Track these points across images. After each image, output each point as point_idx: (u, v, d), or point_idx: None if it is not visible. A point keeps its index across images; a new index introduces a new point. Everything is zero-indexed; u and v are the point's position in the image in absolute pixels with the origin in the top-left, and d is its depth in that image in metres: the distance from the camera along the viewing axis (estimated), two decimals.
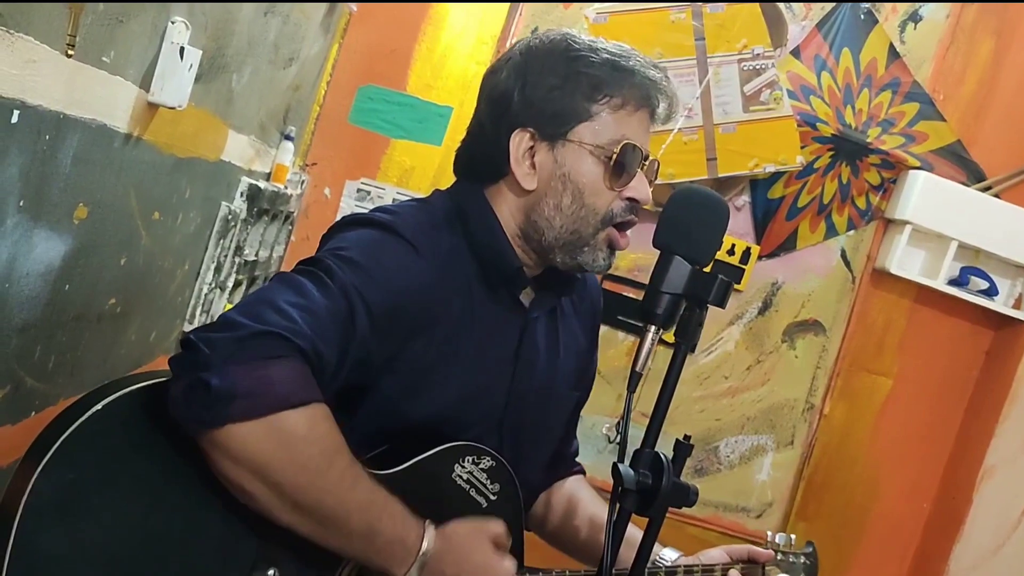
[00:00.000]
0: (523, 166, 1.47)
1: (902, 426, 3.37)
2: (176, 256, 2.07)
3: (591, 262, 1.49)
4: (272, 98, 2.50)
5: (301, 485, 1.21)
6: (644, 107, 1.49)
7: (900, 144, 3.23)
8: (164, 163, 1.78)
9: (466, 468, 1.42)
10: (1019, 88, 3.26)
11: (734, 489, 3.32)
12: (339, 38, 3.04)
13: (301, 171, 3.04)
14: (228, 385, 1.15)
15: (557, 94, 1.45)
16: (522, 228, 1.50)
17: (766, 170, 3.11)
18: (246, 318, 1.20)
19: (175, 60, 1.55)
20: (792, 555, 1.72)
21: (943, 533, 3.27)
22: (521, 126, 1.46)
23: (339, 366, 1.28)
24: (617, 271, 3.17)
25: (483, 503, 1.44)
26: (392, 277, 1.34)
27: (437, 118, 3.08)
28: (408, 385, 1.39)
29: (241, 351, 1.18)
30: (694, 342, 1.32)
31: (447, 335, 1.41)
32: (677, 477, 1.26)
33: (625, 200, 1.47)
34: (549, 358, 1.58)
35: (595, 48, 1.47)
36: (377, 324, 1.31)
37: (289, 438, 1.19)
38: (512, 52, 1.52)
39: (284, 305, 1.23)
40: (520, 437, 1.54)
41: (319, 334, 1.23)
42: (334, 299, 1.28)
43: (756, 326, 3.28)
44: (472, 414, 1.47)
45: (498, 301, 1.49)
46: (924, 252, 3.26)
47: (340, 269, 1.30)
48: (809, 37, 3.16)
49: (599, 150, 1.45)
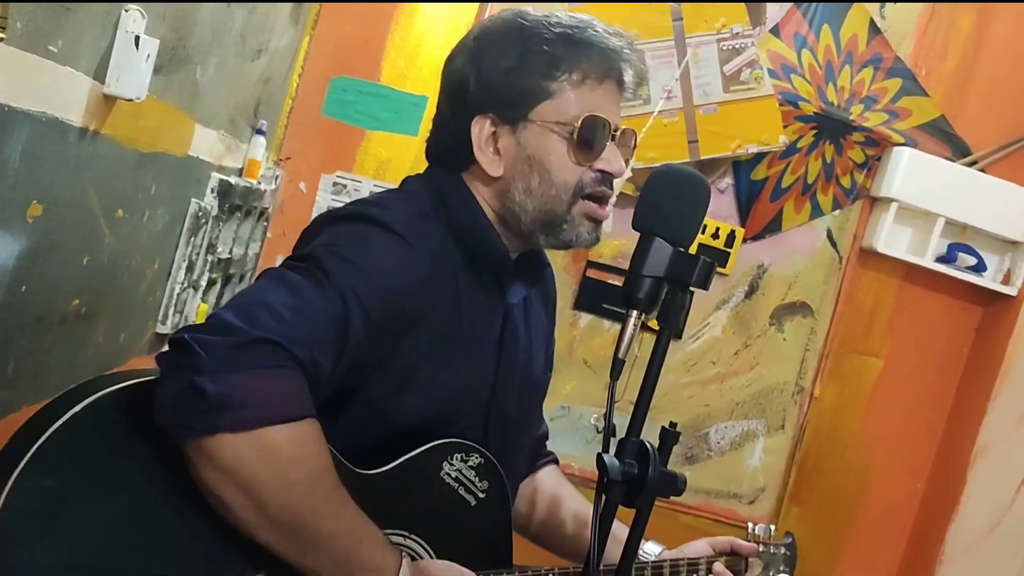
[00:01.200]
0: (487, 153, 1.43)
1: (894, 407, 3.33)
2: (144, 255, 2.01)
3: (575, 238, 1.45)
4: (241, 91, 2.44)
5: (284, 504, 1.18)
6: (608, 78, 1.44)
7: (883, 121, 3.19)
8: (126, 158, 1.72)
9: (455, 466, 1.38)
10: (1002, 61, 3.22)
11: (725, 476, 3.28)
12: (310, 29, 2.98)
13: (275, 166, 2.98)
14: (224, 393, 1.12)
15: (513, 76, 1.41)
16: (499, 213, 1.47)
17: (748, 151, 3.06)
18: (242, 321, 1.16)
19: (130, 50, 1.49)
20: (772, 546, 1.72)
21: (938, 514, 3.24)
22: (481, 113, 1.42)
23: (334, 371, 1.24)
24: (601, 258, 3.13)
25: (472, 501, 1.41)
26: (389, 277, 1.30)
27: (412, 108, 3.02)
28: (394, 384, 1.35)
29: (238, 358, 1.14)
30: (678, 326, 1.28)
31: (435, 329, 1.38)
32: (664, 466, 1.23)
33: (596, 172, 1.43)
34: (526, 345, 1.56)
35: (549, 23, 1.42)
36: (373, 327, 1.27)
37: (278, 454, 1.16)
38: (467, 38, 1.49)
39: (280, 308, 1.19)
40: (505, 427, 1.50)
41: (316, 341, 1.20)
42: (331, 301, 1.24)
43: (743, 310, 3.24)
44: (460, 408, 1.43)
45: (482, 289, 1.46)
46: (911, 230, 3.22)
47: (336, 268, 1.26)
48: (788, 15, 3.12)
49: (561, 127, 1.40)
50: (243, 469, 1.15)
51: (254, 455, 1.14)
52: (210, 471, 1.15)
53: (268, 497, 1.17)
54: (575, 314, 3.15)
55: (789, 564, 1.74)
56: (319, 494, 1.21)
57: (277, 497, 1.17)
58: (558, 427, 3.11)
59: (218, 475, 1.15)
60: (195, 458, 1.15)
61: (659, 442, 1.25)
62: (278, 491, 1.17)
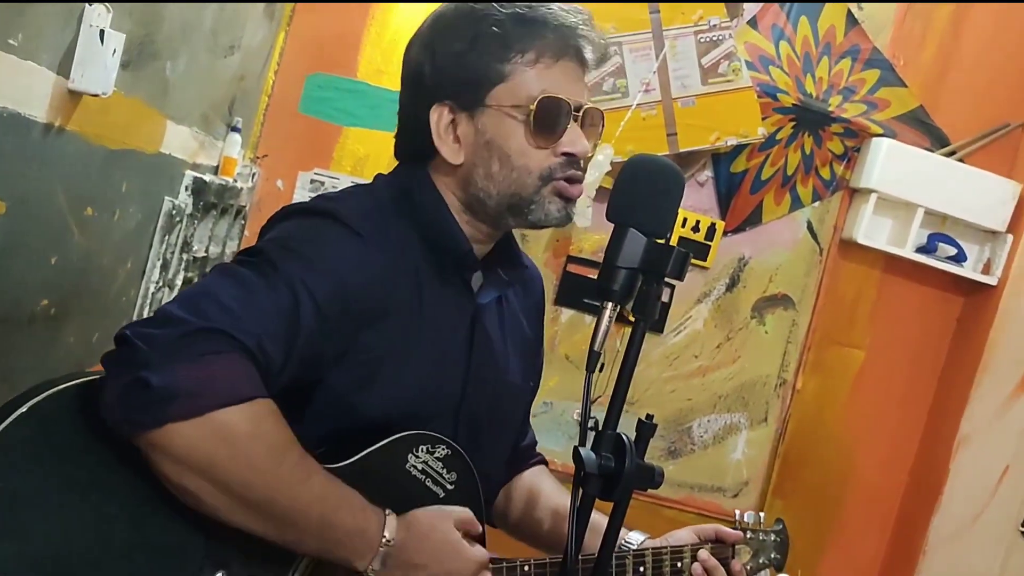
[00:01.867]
0: (447, 142, 1.41)
1: (876, 398, 3.33)
2: (117, 254, 1.98)
3: (544, 217, 1.42)
4: (214, 88, 2.41)
5: (250, 483, 1.16)
6: (565, 56, 1.41)
7: (862, 112, 3.18)
8: (94, 155, 1.69)
9: (420, 458, 1.36)
10: (979, 51, 3.22)
11: (709, 469, 3.27)
12: (285, 25, 2.95)
13: (252, 163, 2.95)
14: (169, 383, 1.10)
15: (466, 60, 1.38)
16: (464, 202, 1.44)
17: (728, 143, 3.05)
18: (187, 313, 1.14)
19: (95, 45, 1.46)
20: (762, 533, 1.71)
21: (921, 504, 3.24)
22: (438, 101, 1.40)
23: (285, 362, 1.22)
24: (581, 253, 3.12)
25: (440, 493, 1.39)
26: (339, 269, 1.28)
27: (389, 103, 2.93)
28: (358, 379, 1.33)
29: (183, 348, 1.12)
30: (654, 318, 1.26)
31: (397, 325, 1.36)
32: (641, 458, 1.22)
33: (560, 155, 1.40)
34: (501, 348, 1.54)
35: (500, 4, 1.39)
36: (324, 318, 1.25)
37: (234, 435, 1.14)
38: (422, 25, 1.46)
39: (226, 300, 1.17)
40: (477, 429, 1.48)
41: (264, 330, 1.18)
42: (279, 292, 1.22)
43: (724, 303, 3.23)
44: (428, 407, 1.41)
45: (447, 285, 1.44)
46: (891, 220, 3.22)
47: (285, 261, 1.24)
48: (766, 7, 3.11)
49: (517, 110, 1.38)
50: (199, 454, 1.12)
51: (207, 439, 1.12)
52: (167, 464, 1.13)
53: (231, 479, 1.15)
54: (556, 309, 3.14)
55: (780, 550, 1.73)
56: (284, 467, 1.19)
57: (240, 477, 1.15)
58: (541, 423, 3.09)
59: (175, 466, 1.13)
60: (150, 453, 1.13)
61: (636, 435, 1.24)
62: (240, 471, 1.15)
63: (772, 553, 1.71)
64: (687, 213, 3.13)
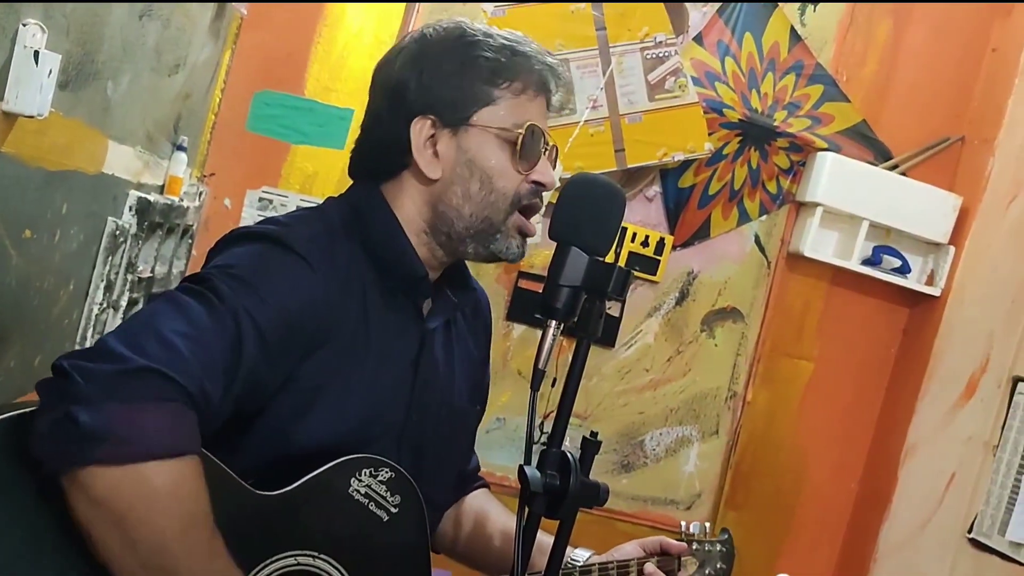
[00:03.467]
0: (426, 154, 1.42)
1: (825, 408, 3.37)
2: (58, 276, 1.95)
3: (504, 250, 1.45)
4: (158, 107, 2.39)
5: (155, 546, 1.13)
6: (542, 93, 1.47)
7: (807, 127, 3.23)
8: (31, 177, 1.67)
9: (363, 482, 1.35)
10: (918, 67, 3.29)
11: (662, 482, 3.29)
12: (231, 43, 2.93)
13: (199, 182, 2.93)
14: (101, 425, 1.07)
15: (456, 80, 1.41)
16: (428, 222, 1.44)
17: (675, 159, 3.08)
18: (128, 349, 1.12)
19: (30, 65, 1.44)
20: (708, 543, 1.71)
21: (871, 512, 3.28)
22: (420, 114, 1.42)
23: (225, 396, 1.20)
24: (532, 269, 3.12)
25: (384, 517, 1.38)
26: (284, 296, 1.27)
27: (338, 121, 2.99)
28: (295, 408, 1.32)
29: (119, 388, 1.10)
30: (597, 334, 1.27)
31: (339, 353, 1.35)
32: (586, 475, 1.22)
33: (531, 183, 1.44)
34: (447, 371, 1.53)
35: (490, 34, 1.45)
36: (268, 349, 1.24)
37: (154, 492, 1.11)
38: (405, 43, 1.48)
39: (169, 335, 1.15)
40: (420, 454, 1.47)
41: (206, 369, 1.16)
42: (223, 324, 1.20)
43: (674, 317, 3.25)
44: (370, 432, 1.40)
45: (396, 309, 1.43)
46: (837, 233, 3.27)
47: (230, 289, 1.23)
48: (711, 23, 3.14)
49: (504, 132, 1.42)
50: (116, 504, 1.10)
51: (127, 490, 1.10)
52: (83, 504, 1.10)
53: (139, 537, 1.11)
54: (508, 325, 3.14)
55: (726, 560, 1.74)
56: (191, 539, 1.15)
57: (148, 537, 1.12)
58: (494, 439, 3.09)
59: (90, 509, 1.10)
60: (68, 490, 1.10)
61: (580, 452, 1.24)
62: (150, 531, 1.12)
63: (718, 563, 1.72)
64: (636, 228, 3.15)
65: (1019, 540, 2.86)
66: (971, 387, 3.17)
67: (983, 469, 3.10)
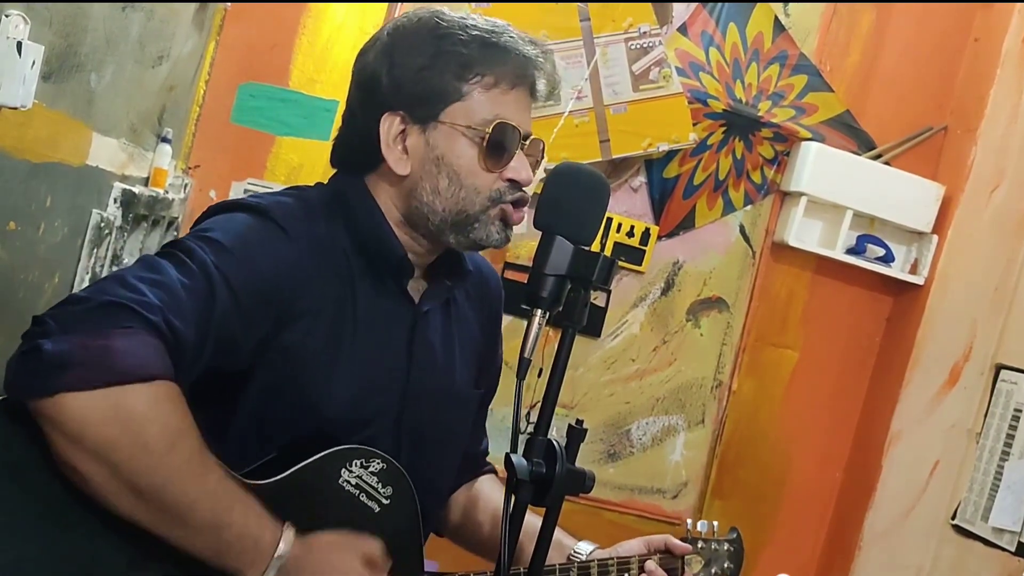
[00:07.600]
0: (395, 151, 1.42)
1: (810, 397, 3.39)
2: (43, 269, 1.95)
3: (485, 238, 1.45)
4: (143, 99, 2.38)
5: (140, 468, 1.12)
6: (520, 85, 1.44)
7: (791, 117, 3.24)
8: (16, 169, 1.66)
9: (354, 472, 1.36)
10: (902, 56, 3.30)
11: (648, 471, 3.30)
12: (215, 35, 2.92)
13: (184, 174, 2.92)
14: (63, 351, 1.08)
15: (426, 74, 1.40)
16: (405, 215, 1.45)
17: (660, 149, 3.09)
18: (91, 293, 1.15)
19: (12, 57, 1.44)
20: (715, 542, 1.70)
21: (856, 501, 3.30)
22: (390, 109, 1.41)
23: (200, 343, 1.20)
24: (518, 259, 3.13)
25: (375, 508, 1.38)
26: (257, 257, 1.28)
27: (323, 112, 2.99)
28: (286, 377, 1.33)
29: (84, 320, 1.11)
30: (582, 324, 1.29)
31: (326, 327, 1.35)
32: (572, 463, 1.24)
33: (506, 181, 1.43)
34: (446, 355, 1.53)
35: (465, 25, 1.42)
36: (241, 302, 1.24)
37: (128, 414, 1.11)
38: (380, 33, 1.48)
39: (133, 280, 1.17)
40: (421, 439, 1.48)
41: (172, 308, 1.16)
42: (192, 277, 1.21)
43: (660, 307, 3.26)
44: (363, 412, 1.40)
45: (385, 295, 1.43)
46: (821, 223, 3.28)
47: (201, 249, 1.24)
48: (695, 14, 3.15)
49: (472, 131, 1.40)
50: (91, 430, 1.10)
51: (100, 415, 1.10)
52: (58, 437, 1.10)
53: (121, 461, 1.11)
54: None
55: (734, 559, 1.72)
56: (177, 456, 1.15)
57: (131, 461, 1.12)
58: None
59: (66, 440, 1.10)
60: (43, 425, 1.11)
61: (566, 440, 1.25)
62: (131, 454, 1.12)
63: (726, 563, 1.70)
64: (621, 218, 3.16)
65: (1002, 526, 2.89)
66: (954, 375, 3.20)
67: (967, 456, 3.13)
